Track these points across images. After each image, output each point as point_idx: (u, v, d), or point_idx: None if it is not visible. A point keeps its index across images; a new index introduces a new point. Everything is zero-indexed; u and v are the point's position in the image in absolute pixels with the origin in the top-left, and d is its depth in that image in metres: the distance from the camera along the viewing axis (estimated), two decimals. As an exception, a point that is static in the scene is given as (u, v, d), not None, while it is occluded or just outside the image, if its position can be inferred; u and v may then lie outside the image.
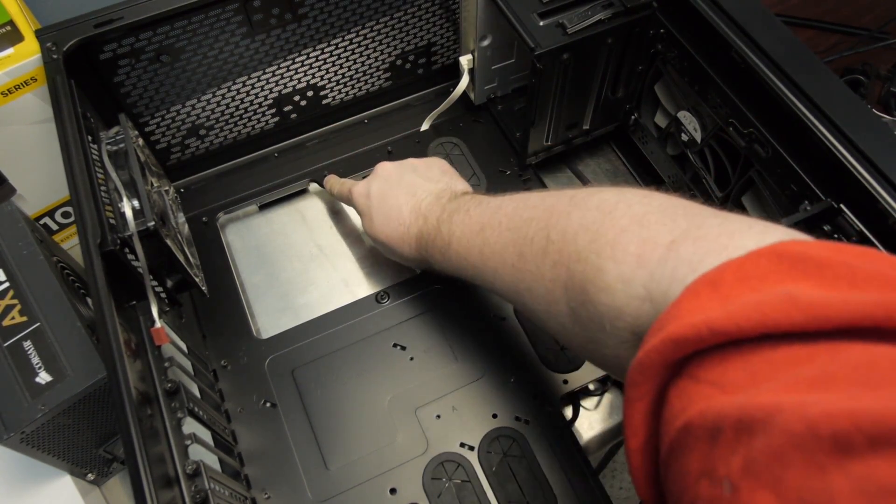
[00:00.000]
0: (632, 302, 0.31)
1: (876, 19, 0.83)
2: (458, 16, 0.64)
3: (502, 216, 0.42)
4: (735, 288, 0.25)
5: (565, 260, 0.35)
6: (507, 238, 0.40)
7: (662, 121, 0.61)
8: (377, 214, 0.52)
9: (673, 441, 0.24)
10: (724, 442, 0.22)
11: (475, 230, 0.43)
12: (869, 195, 0.41)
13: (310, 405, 0.52)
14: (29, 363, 0.44)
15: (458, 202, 0.47)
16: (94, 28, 0.50)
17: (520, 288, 0.40)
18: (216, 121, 0.61)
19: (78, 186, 0.43)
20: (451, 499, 0.48)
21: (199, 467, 0.39)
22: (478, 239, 0.43)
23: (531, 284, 0.38)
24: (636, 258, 0.31)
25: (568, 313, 0.36)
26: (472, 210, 0.45)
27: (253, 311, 0.59)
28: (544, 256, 0.37)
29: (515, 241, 0.40)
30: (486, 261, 0.42)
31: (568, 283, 0.35)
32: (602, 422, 0.54)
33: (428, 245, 0.48)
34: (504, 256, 0.40)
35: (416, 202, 0.50)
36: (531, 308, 0.40)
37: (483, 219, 0.43)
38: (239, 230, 0.64)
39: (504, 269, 0.41)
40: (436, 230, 0.47)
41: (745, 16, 0.48)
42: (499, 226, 0.42)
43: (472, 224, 0.44)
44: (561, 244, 0.36)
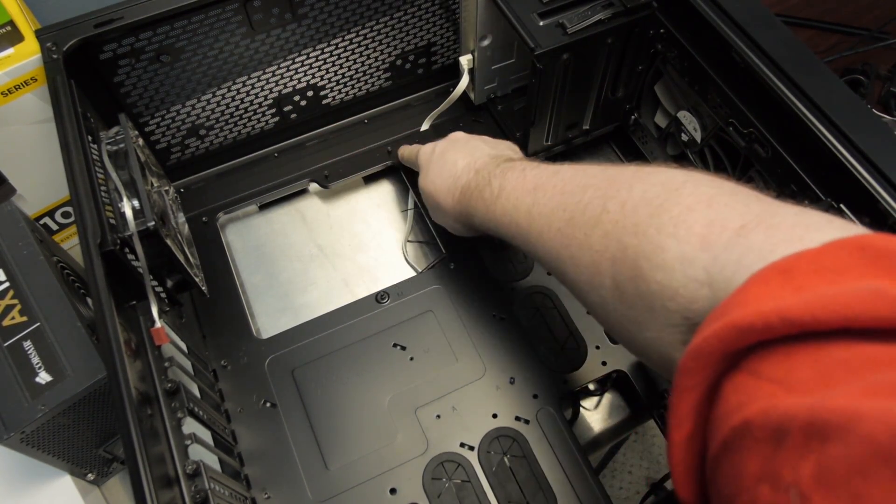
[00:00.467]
0: (689, 284, 0.29)
1: (876, 19, 0.83)
2: (458, 16, 0.64)
3: (558, 180, 0.41)
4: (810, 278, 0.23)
5: (619, 232, 0.33)
6: (558, 201, 0.39)
7: (662, 121, 0.61)
8: (433, 168, 0.53)
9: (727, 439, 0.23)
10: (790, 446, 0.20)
11: (527, 189, 0.42)
12: (869, 195, 0.41)
13: (310, 405, 0.52)
14: (29, 363, 0.44)
15: (513, 163, 0.46)
16: (94, 28, 0.50)
17: (563, 254, 0.38)
18: (216, 121, 0.61)
19: (78, 186, 0.43)
20: (451, 499, 0.48)
21: (199, 467, 0.39)
22: (528, 198, 0.42)
23: (576, 252, 0.37)
24: (701, 239, 0.29)
25: (612, 287, 0.34)
26: (528, 171, 0.44)
27: (253, 311, 0.59)
28: (596, 225, 0.35)
29: (567, 206, 0.38)
30: (533, 221, 0.41)
31: (618, 256, 0.33)
32: (602, 422, 0.54)
33: (473, 197, 0.47)
34: (552, 220, 0.39)
35: (473, 159, 0.50)
36: (571, 277, 0.38)
37: (538, 180, 0.42)
38: (239, 230, 0.64)
39: (549, 233, 0.39)
40: (485, 182, 0.46)
41: (745, 16, 0.48)
42: (552, 188, 0.40)
43: (525, 182, 0.43)
44: (618, 215, 0.34)
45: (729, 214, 0.30)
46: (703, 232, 0.29)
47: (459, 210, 0.50)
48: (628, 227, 0.33)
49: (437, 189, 0.51)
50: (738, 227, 0.29)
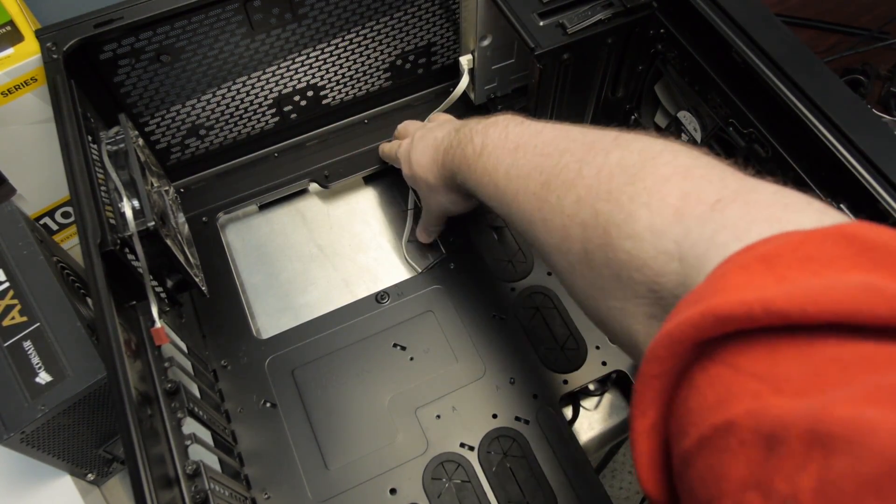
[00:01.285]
0: (659, 256, 0.28)
1: (876, 19, 0.83)
2: (458, 16, 0.64)
3: (539, 140, 0.39)
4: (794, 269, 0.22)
5: (592, 197, 0.33)
6: (536, 163, 0.38)
7: (662, 121, 0.61)
8: (414, 150, 0.52)
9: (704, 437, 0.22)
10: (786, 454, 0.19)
11: (509, 148, 0.41)
12: (869, 195, 0.41)
13: (310, 405, 0.52)
14: (29, 363, 0.44)
15: (494, 118, 0.45)
16: (94, 28, 0.50)
17: (535, 217, 0.37)
18: (216, 121, 0.61)
19: (78, 186, 0.43)
20: (451, 499, 0.48)
21: (199, 467, 0.39)
22: (508, 158, 0.41)
23: (548, 215, 0.36)
24: (674, 210, 0.29)
25: (580, 252, 0.33)
26: (512, 128, 0.42)
27: (253, 311, 0.59)
28: (570, 189, 0.34)
29: (544, 168, 0.37)
30: (510, 182, 0.40)
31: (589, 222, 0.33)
32: (602, 422, 0.54)
33: (455, 156, 0.46)
34: (528, 182, 0.38)
35: (452, 126, 0.49)
36: (542, 240, 0.37)
37: (520, 139, 0.41)
38: (239, 230, 0.64)
39: (525, 196, 0.38)
40: (467, 140, 0.45)
41: (745, 16, 0.48)
42: (533, 149, 0.39)
43: (507, 141, 0.42)
44: (593, 180, 0.33)
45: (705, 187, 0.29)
46: (677, 204, 0.29)
47: (445, 175, 0.49)
48: (601, 193, 0.32)
49: (421, 165, 0.51)
50: (714, 202, 0.28)
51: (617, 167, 0.33)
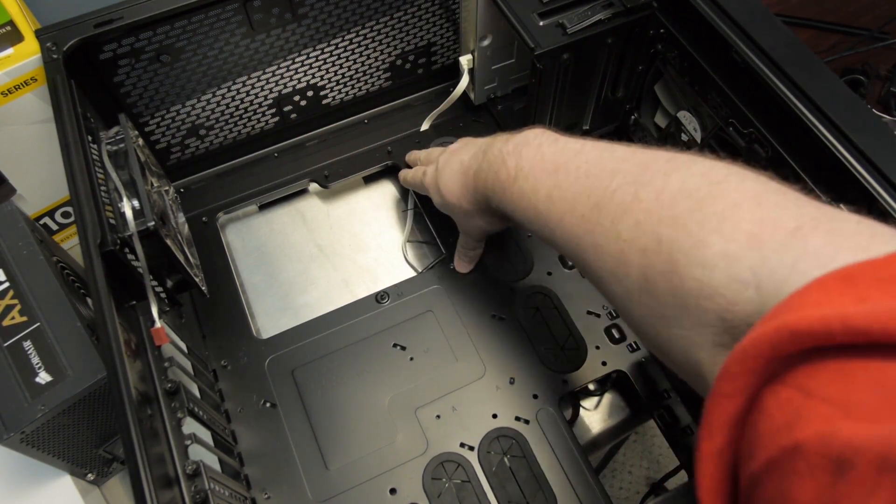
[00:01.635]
0: (732, 284, 0.27)
1: (876, 19, 0.83)
2: (458, 16, 0.64)
3: (581, 161, 0.38)
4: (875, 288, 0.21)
5: (653, 222, 0.31)
6: (583, 185, 0.37)
7: (662, 121, 0.61)
8: (442, 178, 0.50)
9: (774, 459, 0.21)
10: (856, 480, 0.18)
11: (548, 170, 0.39)
12: (869, 195, 0.41)
13: (310, 405, 0.52)
14: (29, 363, 0.44)
15: (524, 135, 0.43)
16: (94, 28, 0.50)
17: (585, 242, 0.36)
18: (216, 121, 0.61)
19: (78, 186, 0.43)
20: (451, 499, 0.48)
21: (199, 467, 0.39)
22: (549, 180, 0.39)
23: (600, 240, 0.35)
24: (749, 237, 0.27)
25: (639, 279, 0.32)
26: (546, 147, 0.41)
27: (253, 311, 0.59)
28: (625, 213, 0.33)
29: (592, 191, 0.36)
30: (553, 205, 0.38)
31: (651, 247, 0.31)
32: (602, 422, 0.54)
33: (488, 179, 0.44)
34: (575, 204, 0.37)
35: (478, 147, 0.48)
36: (593, 266, 0.36)
37: (559, 159, 0.39)
38: (239, 230, 0.64)
39: (571, 219, 0.37)
40: (499, 162, 0.43)
41: (745, 16, 0.48)
42: (576, 170, 0.38)
43: (544, 162, 0.40)
44: (652, 204, 0.32)
45: (781, 214, 0.28)
46: (753, 230, 0.27)
47: (479, 198, 0.47)
48: (665, 218, 0.31)
49: (452, 191, 0.49)
50: (793, 229, 0.27)
51: (679, 191, 0.31)
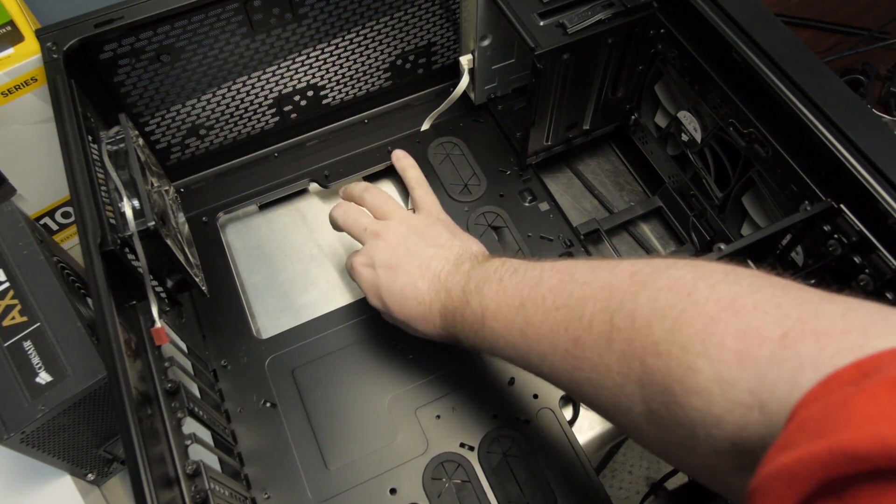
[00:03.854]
0: (735, 409, 0.25)
1: (876, 19, 0.83)
2: (458, 16, 0.64)
3: (545, 290, 0.36)
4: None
5: (637, 352, 0.30)
6: (555, 319, 0.35)
7: (662, 121, 0.61)
8: (388, 292, 0.46)
9: None
10: None
11: (513, 305, 0.38)
12: (869, 195, 0.41)
13: (310, 405, 0.52)
14: (29, 363, 0.44)
15: (484, 269, 0.42)
16: (95, 28, 0.50)
17: (577, 377, 0.34)
18: (216, 121, 0.61)
19: (78, 186, 0.43)
20: (451, 499, 0.48)
21: (199, 467, 0.39)
22: (518, 317, 0.37)
23: (592, 375, 0.33)
24: (736, 356, 0.26)
25: (644, 413, 0.30)
26: (506, 280, 0.39)
27: (253, 311, 0.59)
28: (608, 345, 0.31)
29: (568, 324, 0.34)
30: (531, 343, 0.37)
31: (645, 380, 0.30)
32: (602, 422, 0.54)
33: (456, 321, 0.43)
34: (554, 341, 0.35)
35: (434, 274, 0.45)
36: (593, 400, 0.34)
37: (521, 292, 0.38)
38: (239, 230, 0.64)
39: (555, 356, 0.35)
40: (463, 304, 0.42)
41: (745, 16, 0.48)
42: (543, 302, 0.36)
43: (508, 298, 0.38)
44: (629, 332, 0.30)
45: (762, 321, 0.26)
46: (738, 347, 0.26)
47: (446, 335, 0.45)
48: (647, 346, 0.29)
49: (411, 318, 0.46)
50: (779, 337, 0.25)
51: (652, 313, 0.30)
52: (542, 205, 0.62)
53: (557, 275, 0.37)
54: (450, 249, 0.46)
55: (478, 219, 0.61)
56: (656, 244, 0.63)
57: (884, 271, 0.42)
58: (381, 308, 0.48)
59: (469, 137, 0.66)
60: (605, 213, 0.64)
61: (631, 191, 0.66)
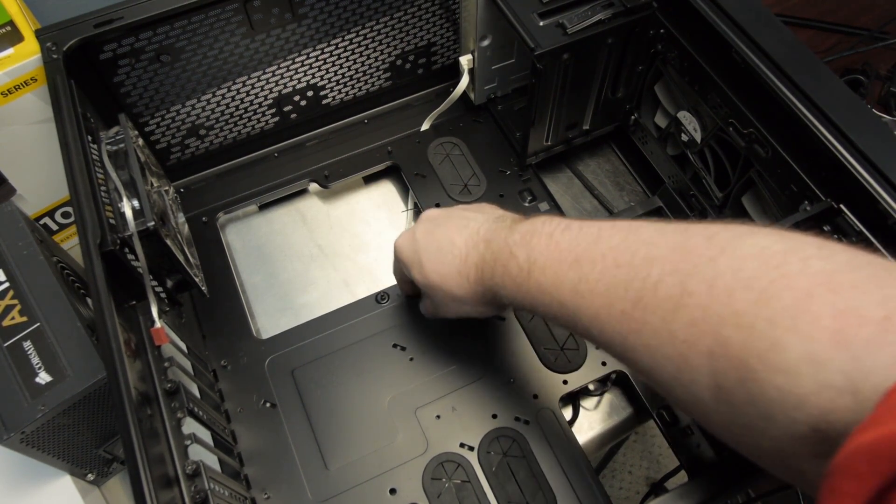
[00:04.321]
0: (823, 391, 0.24)
1: (876, 19, 0.83)
2: (458, 16, 0.64)
3: (605, 248, 0.34)
4: None
5: (714, 321, 0.28)
6: (614, 277, 0.33)
7: (662, 121, 0.61)
8: (426, 254, 0.45)
9: None
10: None
11: (567, 260, 0.36)
12: (869, 195, 0.41)
13: (310, 405, 0.52)
14: (29, 363, 0.44)
15: (530, 223, 0.40)
16: (94, 28, 0.50)
17: (633, 342, 0.32)
18: (216, 121, 0.61)
19: (78, 186, 0.43)
20: (451, 499, 0.48)
21: (198, 467, 0.39)
22: (572, 272, 0.35)
23: (651, 340, 0.31)
24: (832, 335, 0.24)
25: (711, 386, 0.28)
26: (557, 234, 0.37)
27: (253, 311, 0.59)
28: (676, 310, 0.29)
29: (629, 284, 0.32)
30: (582, 300, 0.35)
31: (717, 351, 0.28)
32: (602, 422, 0.54)
33: (495, 273, 0.40)
34: (611, 300, 0.33)
35: (472, 230, 0.43)
36: (649, 369, 0.32)
37: (576, 248, 0.36)
38: (239, 230, 0.64)
39: (609, 315, 0.33)
40: (507, 254, 0.39)
41: (745, 16, 0.48)
42: (602, 259, 0.34)
43: (560, 252, 0.36)
44: (706, 299, 0.28)
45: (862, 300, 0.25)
46: (834, 325, 0.24)
47: (481, 291, 0.43)
48: (725, 316, 0.27)
49: (444, 277, 0.44)
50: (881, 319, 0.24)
51: (735, 281, 0.27)
52: (542, 205, 0.62)
53: (619, 233, 0.34)
54: (490, 212, 0.45)
55: (478, 219, 0.61)
56: (656, 244, 0.63)
57: (884, 271, 0.42)
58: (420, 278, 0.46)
59: (469, 137, 0.66)
60: (605, 213, 0.64)
61: (631, 191, 0.66)
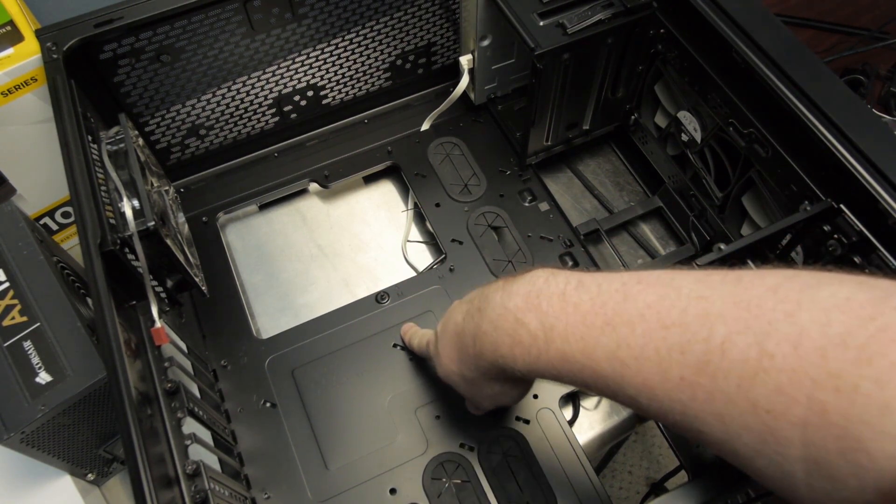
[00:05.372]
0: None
1: (876, 19, 0.83)
2: (458, 16, 0.64)
3: (642, 307, 0.31)
4: None
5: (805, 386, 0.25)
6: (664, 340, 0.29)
7: (662, 121, 0.61)
8: (441, 339, 0.43)
9: None
10: None
11: (595, 325, 0.32)
12: (869, 195, 0.41)
13: (310, 405, 0.52)
14: (29, 363, 0.44)
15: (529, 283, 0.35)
16: (94, 28, 0.50)
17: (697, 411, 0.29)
18: (216, 121, 0.61)
19: (78, 186, 0.43)
20: (451, 499, 0.48)
21: (199, 467, 0.39)
22: (604, 339, 0.31)
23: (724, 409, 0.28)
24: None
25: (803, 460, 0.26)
26: (572, 294, 0.33)
27: (253, 311, 0.59)
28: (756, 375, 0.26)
29: (685, 346, 0.29)
30: (626, 369, 0.31)
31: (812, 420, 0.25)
32: (602, 422, 0.54)
33: (498, 345, 0.36)
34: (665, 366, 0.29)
35: (467, 300, 0.40)
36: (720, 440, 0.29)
37: (603, 309, 0.32)
38: (239, 230, 0.64)
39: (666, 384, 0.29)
40: (511, 322, 0.35)
41: (745, 16, 0.48)
42: (641, 321, 0.30)
43: (583, 316, 0.32)
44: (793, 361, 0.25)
45: None
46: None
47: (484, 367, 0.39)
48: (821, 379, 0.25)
49: (450, 357, 0.41)
50: None
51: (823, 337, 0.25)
52: (542, 205, 0.62)
53: (652, 288, 0.31)
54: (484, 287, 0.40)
55: (478, 219, 0.61)
56: (656, 244, 0.63)
57: (884, 271, 0.42)
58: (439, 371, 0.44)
59: (469, 137, 0.66)
60: (605, 213, 0.64)
61: (631, 191, 0.66)
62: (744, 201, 0.54)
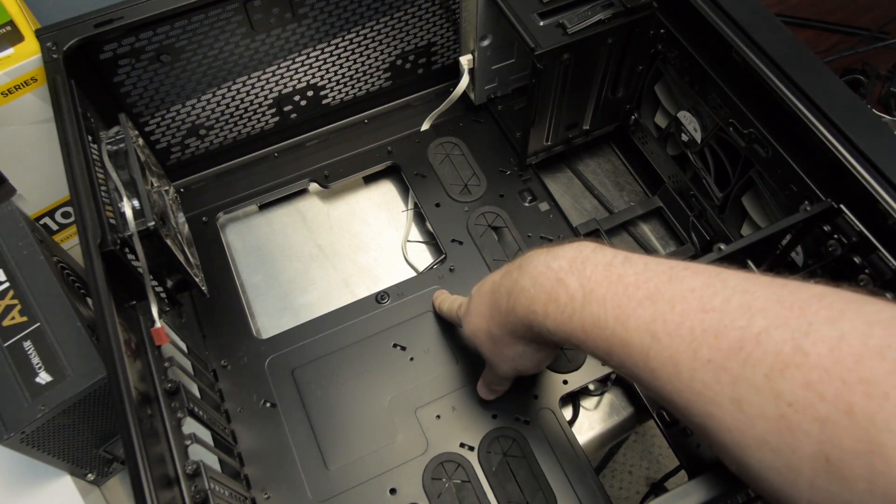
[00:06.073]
0: None
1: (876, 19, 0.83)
2: (458, 16, 0.64)
3: (685, 289, 0.31)
4: None
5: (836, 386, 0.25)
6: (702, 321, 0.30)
7: (662, 121, 0.61)
8: (473, 299, 0.44)
9: None
10: None
11: (637, 297, 0.32)
12: (869, 195, 0.41)
13: (310, 405, 0.52)
14: (29, 363, 0.44)
15: (576, 250, 0.36)
16: (95, 28, 0.50)
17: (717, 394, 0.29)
18: (216, 121, 0.61)
19: (78, 186, 0.43)
20: (451, 499, 0.48)
21: (199, 467, 0.39)
22: (643, 310, 0.32)
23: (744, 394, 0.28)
24: None
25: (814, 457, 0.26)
26: (619, 266, 0.34)
27: (253, 311, 0.59)
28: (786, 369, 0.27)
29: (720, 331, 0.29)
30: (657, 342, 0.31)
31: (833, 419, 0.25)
32: (602, 422, 0.54)
33: (534, 300, 0.36)
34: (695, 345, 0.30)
35: (510, 263, 0.41)
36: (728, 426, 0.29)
37: (646, 284, 0.32)
38: (239, 230, 0.64)
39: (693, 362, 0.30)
40: (551, 280, 0.36)
41: (745, 16, 0.48)
42: (683, 301, 0.31)
43: (625, 287, 0.33)
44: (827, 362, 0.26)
45: None
46: None
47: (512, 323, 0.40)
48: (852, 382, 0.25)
49: (482, 315, 0.42)
50: None
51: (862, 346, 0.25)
52: (542, 205, 0.62)
53: (698, 276, 0.32)
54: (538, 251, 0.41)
55: (478, 219, 0.61)
56: (656, 244, 0.63)
57: (884, 271, 0.42)
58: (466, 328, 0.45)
59: (469, 137, 0.66)
60: (605, 213, 0.64)
61: (631, 191, 0.66)
62: (744, 201, 0.54)
